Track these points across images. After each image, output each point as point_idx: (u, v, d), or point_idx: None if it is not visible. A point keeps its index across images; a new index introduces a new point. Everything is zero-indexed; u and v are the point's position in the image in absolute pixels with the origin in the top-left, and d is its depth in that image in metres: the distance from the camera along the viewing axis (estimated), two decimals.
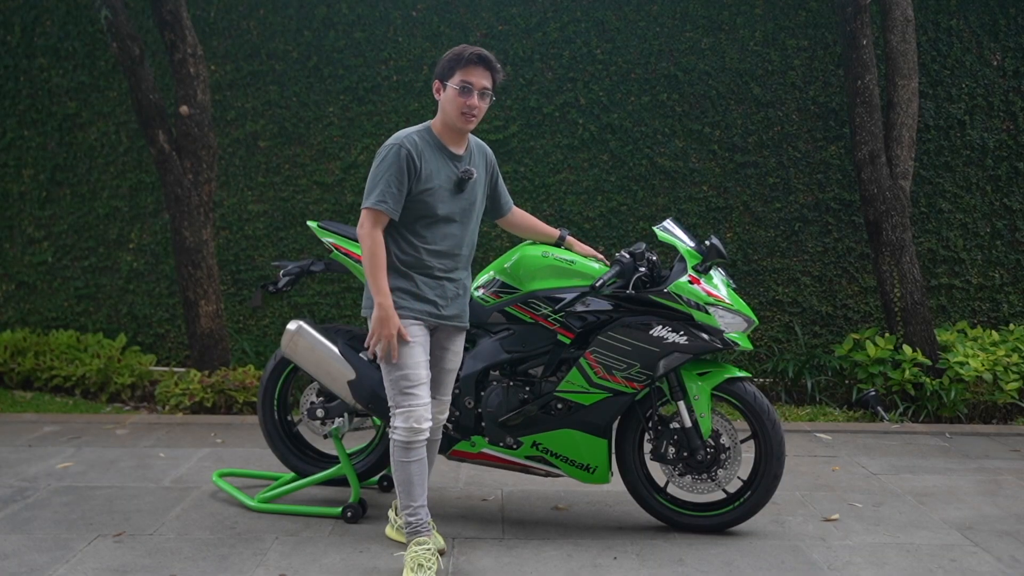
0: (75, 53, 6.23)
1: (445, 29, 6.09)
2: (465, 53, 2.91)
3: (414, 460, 2.95)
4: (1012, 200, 6.09)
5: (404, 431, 2.94)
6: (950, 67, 6.06)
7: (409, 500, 2.97)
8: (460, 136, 3.02)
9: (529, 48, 6.10)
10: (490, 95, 2.96)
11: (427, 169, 2.94)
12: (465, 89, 2.90)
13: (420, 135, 2.99)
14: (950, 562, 3.21)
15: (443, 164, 2.98)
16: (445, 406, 3.21)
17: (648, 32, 6.09)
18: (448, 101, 2.94)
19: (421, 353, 2.98)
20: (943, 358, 5.41)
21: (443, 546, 3.20)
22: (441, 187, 2.96)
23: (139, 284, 6.26)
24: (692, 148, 6.10)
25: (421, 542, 2.95)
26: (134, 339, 6.20)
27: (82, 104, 6.24)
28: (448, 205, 2.99)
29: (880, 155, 5.46)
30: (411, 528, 2.98)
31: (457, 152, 3.02)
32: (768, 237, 6.11)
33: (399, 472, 2.97)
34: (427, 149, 2.96)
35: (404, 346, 2.94)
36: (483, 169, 3.14)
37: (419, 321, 2.99)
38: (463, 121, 2.93)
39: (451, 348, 3.15)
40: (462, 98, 2.90)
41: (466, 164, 3.03)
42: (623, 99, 6.10)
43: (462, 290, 3.10)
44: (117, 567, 3.07)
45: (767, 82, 6.08)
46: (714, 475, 3.37)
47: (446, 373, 3.17)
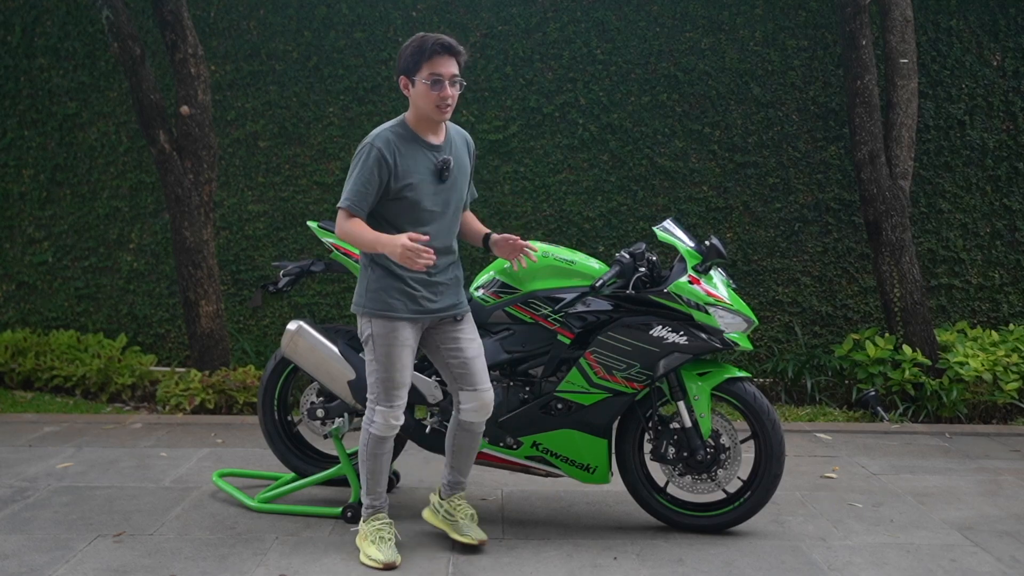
0: (75, 53, 6.23)
1: (445, 29, 6.08)
2: (427, 44, 2.87)
3: (384, 453, 3.11)
4: (1012, 200, 6.09)
5: (382, 427, 3.05)
6: (950, 67, 6.06)
7: (376, 486, 3.14)
8: (436, 126, 3.00)
9: (529, 48, 6.10)
10: (460, 81, 2.93)
11: (404, 164, 2.92)
12: (436, 82, 2.87)
13: (394, 130, 2.97)
14: (950, 562, 3.21)
15: (421, 156, 2.96)
16: (490, 393, 3.14)
17: (648, 32, 6.09)
18: (420, 96, 2.90)
19: (408, 356, 3.01)
20: (943, 358, 5.41)
21: (485, 538, 3.23)
22: (423, 180, 2.94)
23: (139, 284, 6.26)
24: (692, 148, 6.10)
25: (379, 518, 3.12)
26: (134, 339, 6.20)
27: (82, 104, 6.24)
28: (433, 198, 2.97)
29: (880, 155, 5.46)
30: (373, 509, 3.15)
31: (434, 142, 3.00)
32: (768, 237, 6.11)
33: (369, 462, 3.10)
34: (402, 143, 2.94)
35: (394, 349, 2.98)
36: (466, 157, 3.12)
37: (412, 322, 3.00)
38: (439, 113, 2.91)
39: (463, 336, 3.11)
40: (435, 92, 2.87)
41: (446, 153, 3.01)
42: (623, 99, 6.10)
43: (453, 280, 3.09)
44: (117, 567, 3.07)
45: (767, 82, 6.08)
46: (714, 475, 3.37)
47: (472, 361, 3.11)
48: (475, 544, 3.19)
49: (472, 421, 3.18)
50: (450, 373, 3.15)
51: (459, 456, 3.27)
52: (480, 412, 3.16)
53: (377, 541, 3.06)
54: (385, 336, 2.99)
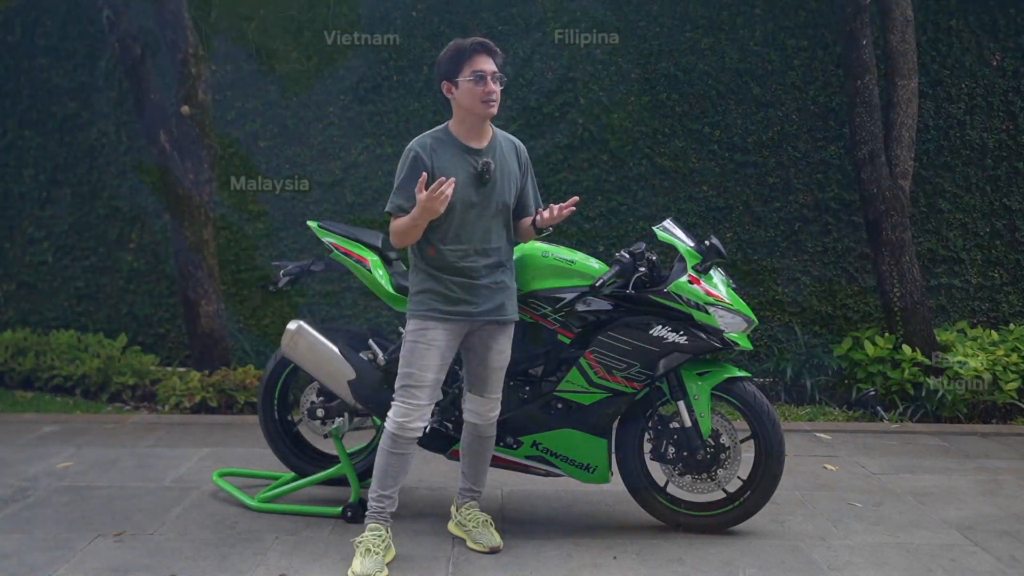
0: (75, 53, 6.23)
1: (445, 29, 6.08)
2: (466, 45, 2.94)
3: (397, 452, 3.05)
4: (1012, 200, 6.09)
5: (395, 424, 3.03)
6: (950, 67, 6.06)
7: (380, 487, 3.08)
8: (479, 130, 3.02)
9: (529, 48, 6.10)
10: (501, 77, 2.97)
11: (440, 167, 2.94)
12: (480, 78, 2.92)
13: (434, 135, 3.02)
14: (950, 562, 3.21)
15: (460, 160, 2.98)
16: (495, 403, 3.20)
17: (648, 32, 6.09)
18: (465, 95, 2.94)
19: (435, 357, 3.00)
20: (942, 358, 5.41)
21: (499, 543, 3.23)
22: (461, 183, 2.95)
23: (139, 284, 6.26)
24: (692, 148, 6.11)
25: (374, 528, 3.07)
26: (135, 339, 6.20)
27: (82, 104, 6.24)
28: (470, 200, 2.98)
29: (880, 155, 5.46)
30: (372, 511, 3.10)
31: (476, 146, 3.02)
32: (768, 237, 6.11)
33: (381, 457, 3.07)
34: (441, 147, 2.98)
35: (419, 347, 2.99)
36: (515, 163, 3.12)
37: (447, 323, 3.00)
38: (486, 108, 2.94)
39: (495, 347, 3.12)
40: (480, 87, 2.92)
41: (487, 157, 3.02)
42: (623, 99, 6.10)
43: (499, 286, 3.07)
44: (117, 567, 3.07)
45: (767, 82, 6.08)
46: (714, 475, 3.37)
47: (493, 371, 3.15)
48: (486, 551, 3.20)
49: (473, 423, 3.21)
50: (470, 372, 3.18)
51: (470, 461, 3.30)
52: (480, 417, 3.19)
53: (364, 553, 3.01)
54: (414, 332, 3.02)
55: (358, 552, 3.03)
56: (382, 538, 3.06)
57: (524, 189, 3.17)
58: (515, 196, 3.12)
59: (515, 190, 3.11)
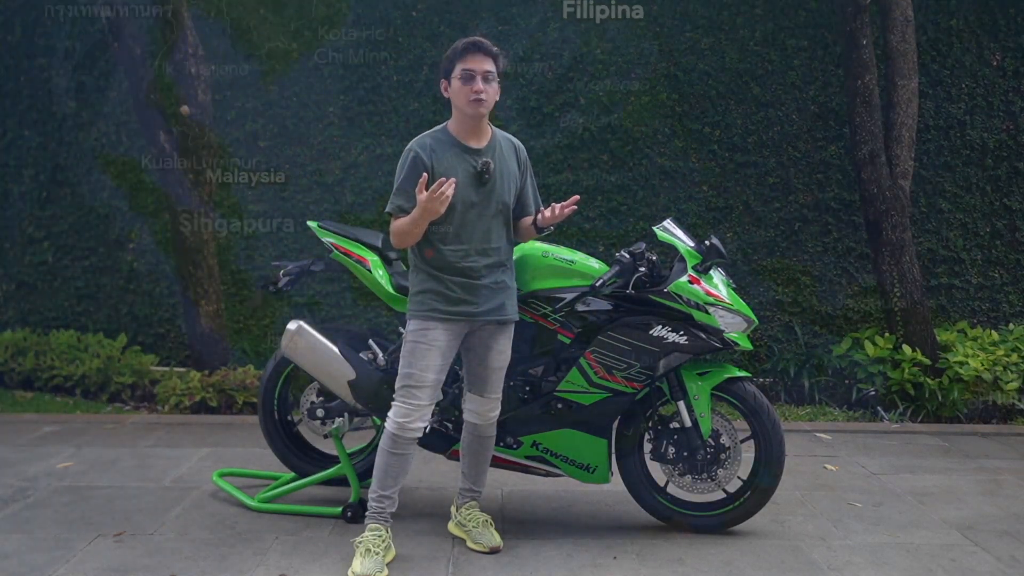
0: (75, 53, 6.23)
1: (445, 29, 6.08)
2: (459, 44, 2.97)
3: (397, 453, 3.05)
4: (1012, 200, 6.09)
5: (395, 424, 3.03)
6: (950, 67, 6.06)
7: (380, 487, 3.09)
8: (477, 129, 3.03)
9: (529, 48, 6.10)
10: (495, 78, 2.97)
11: (440, 166, 2.96)
12: (467, 76, 2.93)
13: (434, 135, 3.04)
14: (950, 562, 3.21)
15: (459, 159, 2.99)
16: (495, 403, 3.21)
17: (648, 32, 6.09)
18: (456, 93, 2.97)
19: (436, 358, 3.00)
20: (943, 358, 5.41)
21: (499, 543, 3.24)
22: (461, 183, 2.96)
23: (139, 284, 6.26)
24: (692, 148, 6.10)
25: (374, 528, 3.08)
26: (134, 339, 6.19)
27: (82, 104, 6.24)
28: (470, 200, 2.99)
29: (880, 155, 5.46)
30: (372, 511, 3.10)
31: (475, 146, 3.03)
32: (768, 237, 6.11)
33: (381, 457, 3.07)
34: (440, 147, 2.99)
35: (420, 347, 2.99)
36: (514, 163, 3.12)
37: (448, 323, 3.00)
38: (473, 107, 2.95)
39: (495, 347, 3.13)
40: (467, 85, 2.93)
41: (486, 157, 3.02)
42: (623, 99, 6.10)
43: (499, 286, 3.07)
44: (117, 567, 3.07)
45: (767, 82, 6.08)
46: (714, 475, 3.37)
47: (493, 371, 3.16)
48: (486, 551, 3.21)
49: (473, 423, 3.22)
50: (470, 372, 3.19)
51: (470, 461, 3.30)
52: (480, 417, 3.20)
53: (364, 554, 3.02)
54: (414, 333, 3.02)
55: (358, 552, 3.03)
56: (382, 538, 3.06)
57: (523, 189, 3.17)
58: (515, 196, 3.12)
59: (515, 190, 3.11)
